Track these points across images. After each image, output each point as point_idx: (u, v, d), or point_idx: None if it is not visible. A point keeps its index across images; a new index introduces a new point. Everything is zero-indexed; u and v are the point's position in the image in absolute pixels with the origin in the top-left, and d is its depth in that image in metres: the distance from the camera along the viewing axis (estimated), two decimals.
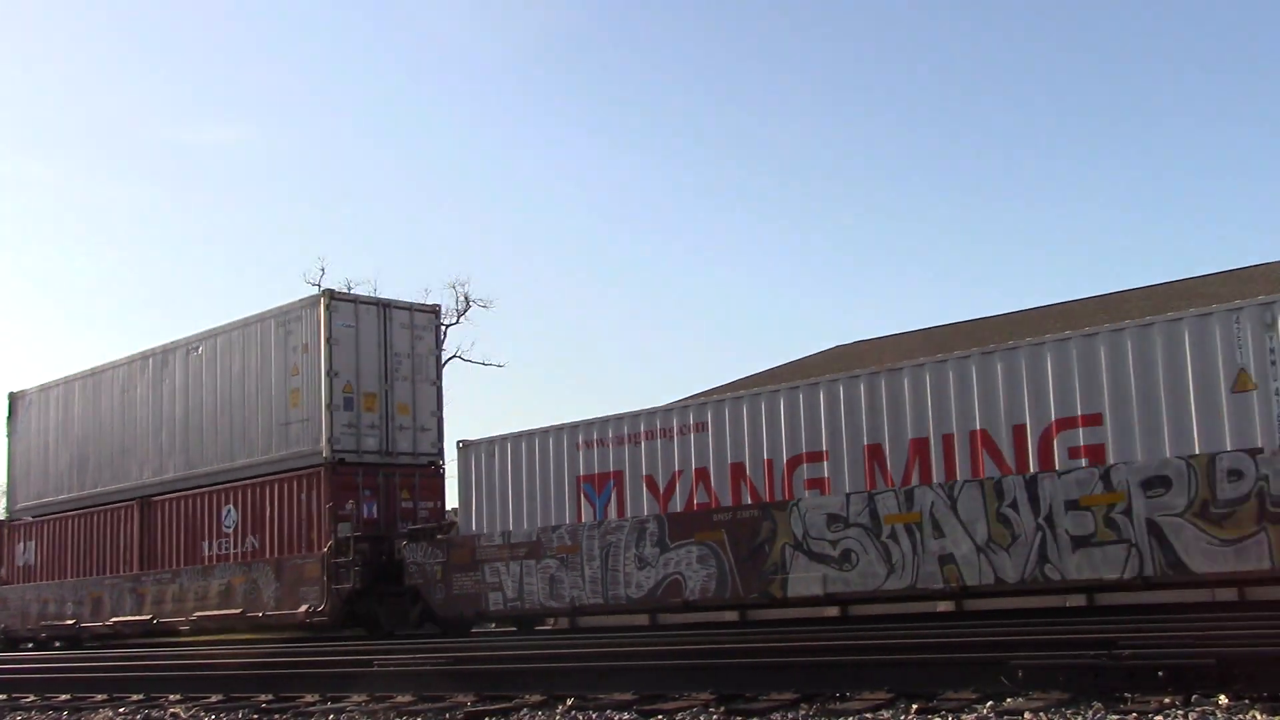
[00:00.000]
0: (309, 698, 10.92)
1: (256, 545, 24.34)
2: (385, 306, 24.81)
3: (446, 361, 47.82)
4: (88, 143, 77.68)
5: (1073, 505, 14.16)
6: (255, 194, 77.99)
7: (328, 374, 23.48)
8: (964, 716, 7.35)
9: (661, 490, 18.17)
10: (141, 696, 12.25)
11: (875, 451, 16.02)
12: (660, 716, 8.39)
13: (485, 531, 20.21)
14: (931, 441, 15.52)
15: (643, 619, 19.73)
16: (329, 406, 23.36)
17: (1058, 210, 68.53)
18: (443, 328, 25.99)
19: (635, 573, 18.10)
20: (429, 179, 78.28)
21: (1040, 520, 14.37)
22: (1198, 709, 6.88)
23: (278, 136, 76.61)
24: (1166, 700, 7.10)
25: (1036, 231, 70.11)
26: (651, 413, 18.57)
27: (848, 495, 16.04)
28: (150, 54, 76.89)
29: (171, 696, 11.96)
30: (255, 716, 10.36)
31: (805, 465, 16.66)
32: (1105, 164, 67.45)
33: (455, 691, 9.99)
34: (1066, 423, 14.49)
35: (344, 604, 22.13)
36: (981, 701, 7.62)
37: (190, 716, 10.72)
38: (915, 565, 15.32)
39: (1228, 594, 14.82)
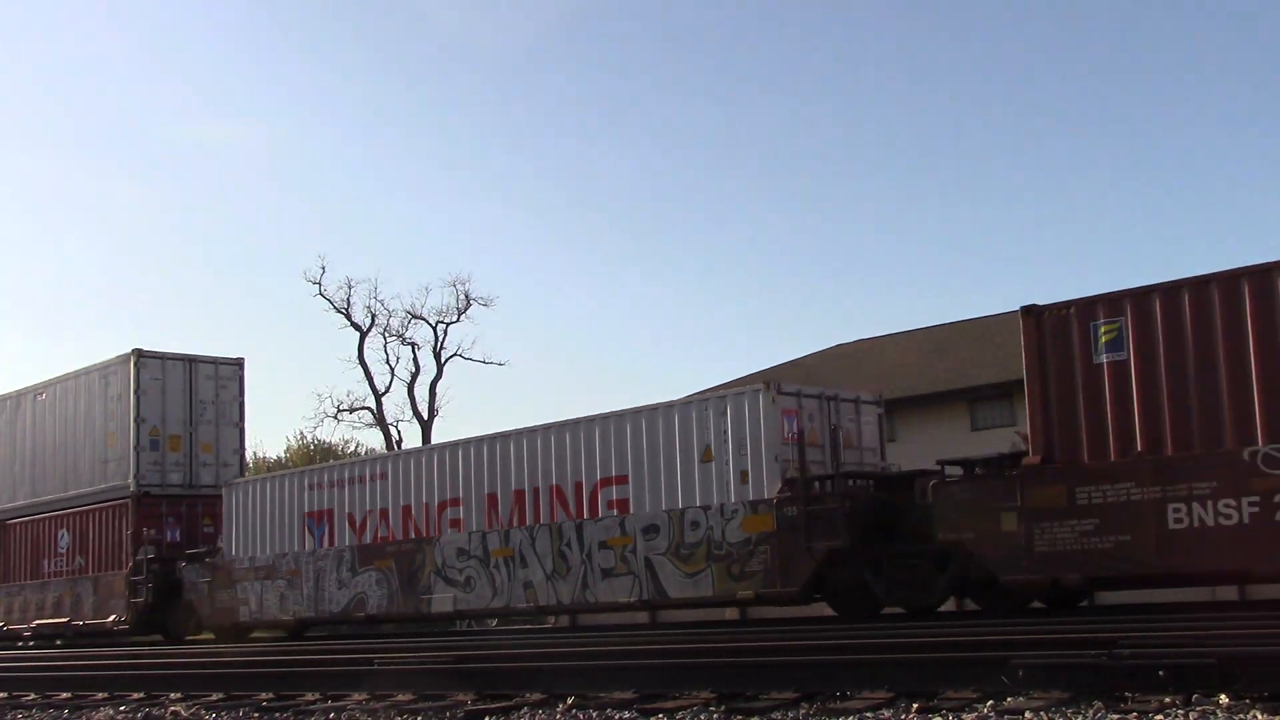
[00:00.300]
0: (309, 696, 10.82)
1: (82, 564, 28.85)
2: (191, 361, 29.31)
3: (448, 360, 49.12)
4: (88, 141, 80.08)
5: (603, 545, 18.71)
6: (255, 192, 79.54)
7: (135, 420, 28.00)
8: (965, 715, 7.27)
9: (358, 525, 22.70)
10: (142, 695, 12.11)
11: (492, 499, 20.54)
12: (661, 715, 8.35)
13: (239, 556, 24.73)
14: (526, 493, 20.05)
15: (642, 618, 22.14)
16: (136, 447, 27.88)
17: (1058, 209, 69.27)
18: (245, 378, 30.09)
19: (335, 591, 22.66)
20: (429, 178, 79.26)
21: (584, 556, 18.92)
22: (1198, 708, 6.79)
23: (277, 135, 77.69)
24: (1167, 700, 7.02)
25: (1037, 230, 70.58)
26: (352, 463, 23.15)
27: (469, 534, 20.58)
28: (149, 52, 78.60)
29: (172, 695, 11.84)
30: (256, 715, 10.24)
31: (449, 509, 21.19)
32: (1106, 163, 68.43)
33: (455, 690, 9.94)
34: (606, 481, 19.02)
35: (140, 614, 26.63)
36: (982, 700, 7.56)
37: (191, 715, 10.59)
38: (509, 589, 19.87)
39: (1228, 593, 16.22)
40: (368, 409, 48.83)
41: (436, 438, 47.03)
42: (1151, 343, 14.03)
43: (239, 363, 30.22)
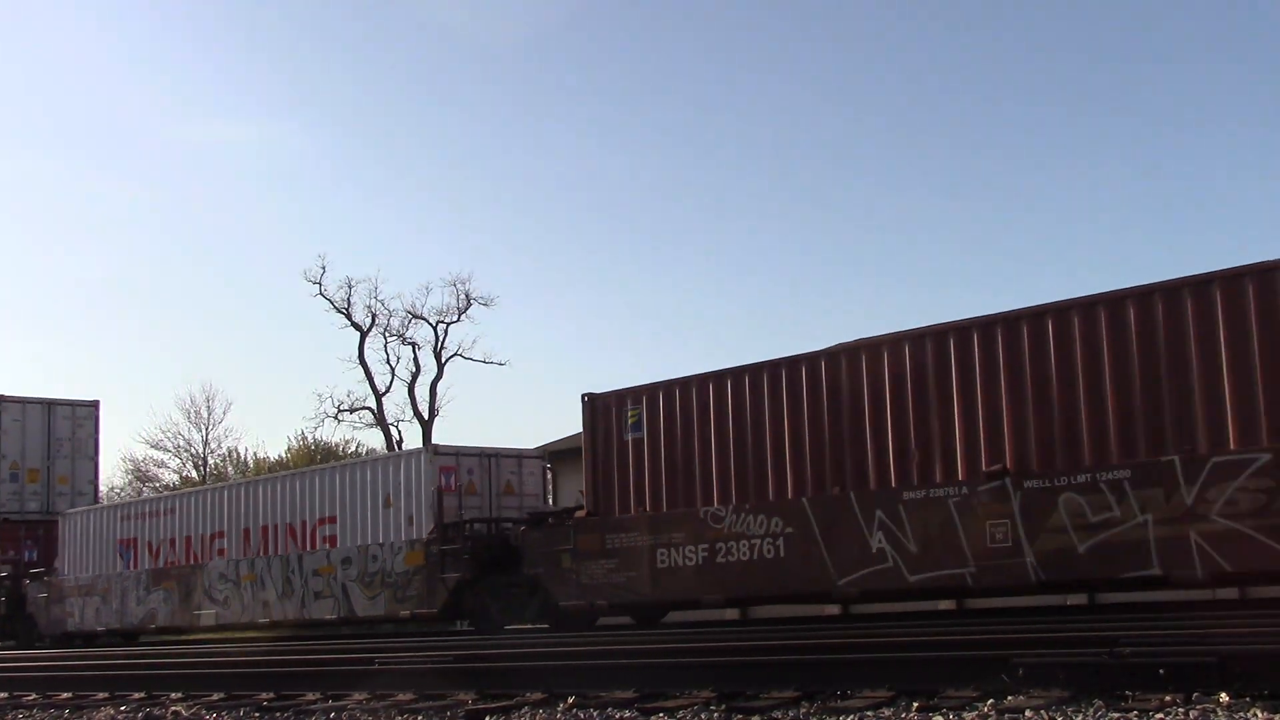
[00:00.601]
0: (310, 696, 10.81)
1: None
2: (49, 405, 33.97)
3: (448, 360, 50.26)
4: (85, 142, 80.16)
5: (316, 573, 23.25)
6: (255, 192, 79.09)
7: None
8: (965, 714, 7.28)
9: (154, 551, 27.25)
10: (143, 694, 12.10)
11: (246, 533, 25.08)
12: (661, 714, 8.31)
13: (69, 575, 29.28)
14: (269, 528, 24.59)
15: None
16: None
17: (1059, 208, 68.76)
18: (100, 418, 34.69)
19: (135, 607, 27.22)
20: (429, 178, 78.29)
21: (303, 581, 23.46)
22: (1199, 706, 6.82)
23: (276, 135, 76.80)
24: (1168, 698, 7.05)
25: (1037, 229, 69.84)
26: (152, 499, 27.72)
27: (228, 561, 25.13)
28: (150, 52, 78.29)
29: (173, 695, 11.84)
30: (256, 714, 10.24)
31: (217, 540, 25.73)
32: (1106, 162, 67.54)
33: (456, 690, 9.94)
34: (322, 520, 23.55)
35: None
36: (983, 699, 7.56)
37: (191, 714, 10.56)
38: (253, 607, 24.41)
39: (1228, 593, 16.41)
40: (368, 409, 49.88)
41: (437, 438, 48.44)
42: (657, 426, 18.53)
43: (94, 404, 34.85)
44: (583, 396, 19.56)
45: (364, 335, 49.83)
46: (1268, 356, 13.22)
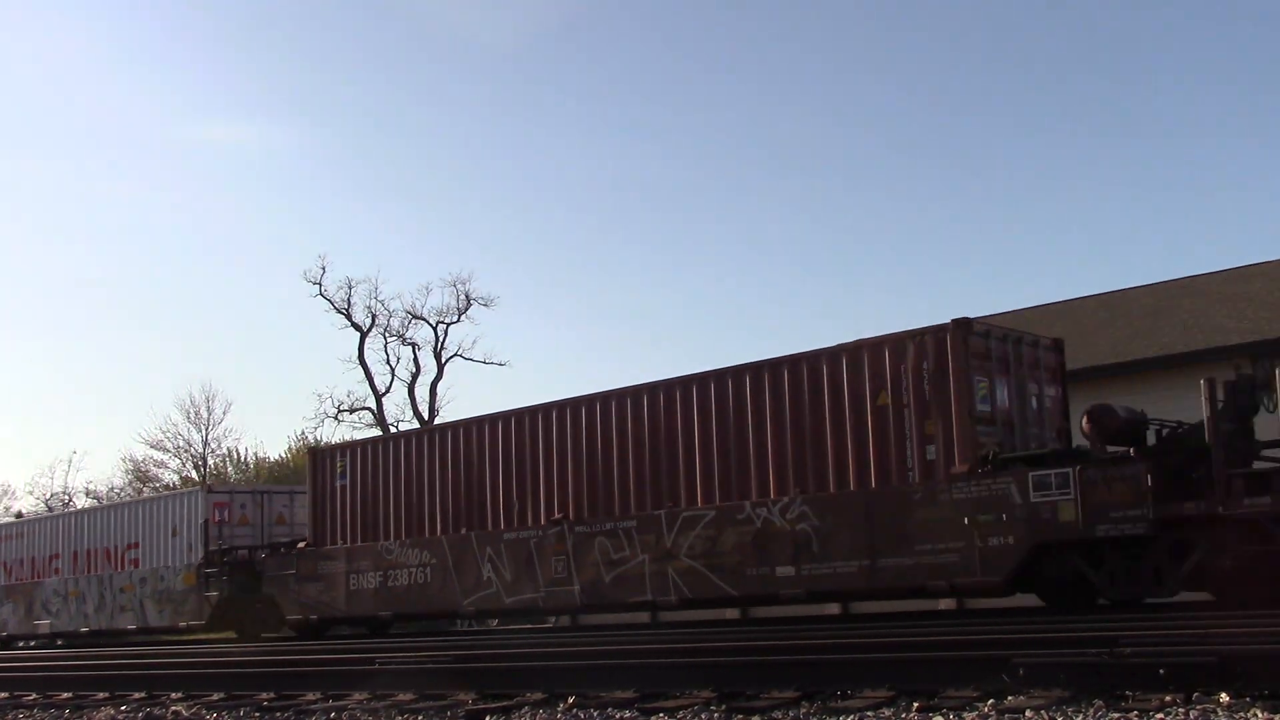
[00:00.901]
0: (310, 696, 10.88)
1: None
2: None
3: (448, 360, 49.90)
4: (86, 141, 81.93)
5: (122, 590, 27.94)
6: (255, 193, 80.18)
7: None
8: (965, 714, 7.26)
9: (8, 569, 31.93)
10: (143, 694, 12.17)
11: (76, 555, 29.79)
12: (661, 714, 8.32)
13: None
14: (92, 552, 29.28)
15: (644, 617, 22.48)
16: None
17: (1059, 208, 70.75)
18: None
19: (10, 618, 31.94)
20: (429, 178, 79.81)
21: (113, 596, 28.14)
22: (1199, 706, 6.81)
23: (277, 135, 77.78)
24: (1168, 698, 7.04)
25: (1038, 229, 71.36)
26: (5, 525, 32.36)
27: (60, 579, 29.81)
28: (150, 52, 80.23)
29: (173, 694, 11.91)
30: (257, 714, 10.31)
31: (54, 560, 30.44)
32: (1106, 162, 69.80)
33: (456, 689, 10.01)
34: (130, 545, 28.24)
35: None
36: (983, 699, 7.54)
37: (192, 714, 10.64)
38: (78, 617, 29.10)
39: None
40: (368, 409, 49.61)
41: None
42: (357, 476, 23.21)
43: None
44: (308, 449, 24.24)
45: (364, 335, 49.93)
46: (704, 441, 18.03)
